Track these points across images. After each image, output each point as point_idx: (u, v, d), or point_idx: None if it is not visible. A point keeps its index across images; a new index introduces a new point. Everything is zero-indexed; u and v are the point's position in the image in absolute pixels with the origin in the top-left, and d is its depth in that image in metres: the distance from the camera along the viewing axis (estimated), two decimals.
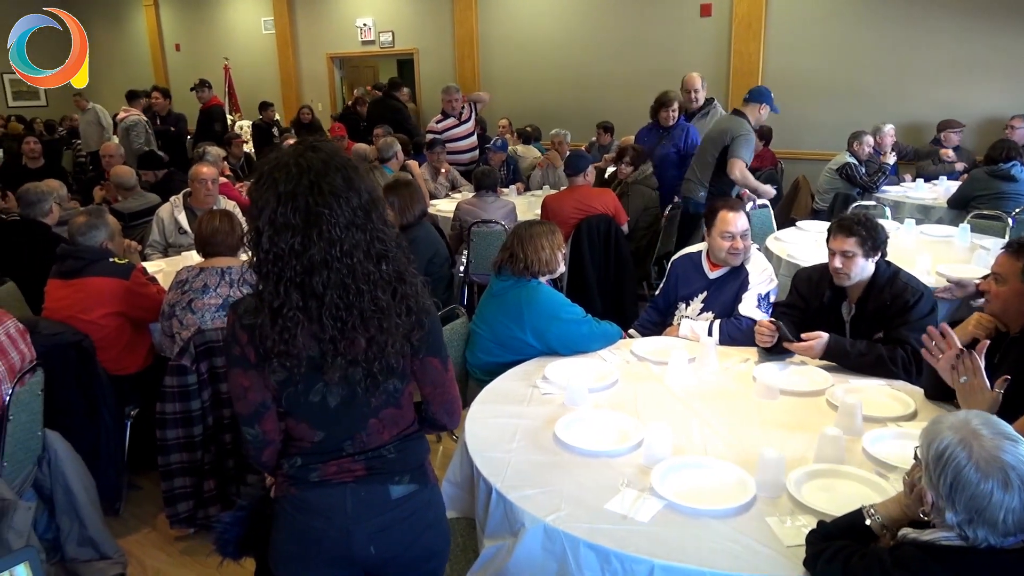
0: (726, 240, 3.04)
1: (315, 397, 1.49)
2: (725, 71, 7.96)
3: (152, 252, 4.57)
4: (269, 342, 1.43)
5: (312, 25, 11.60)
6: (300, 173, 1.39)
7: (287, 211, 1.38)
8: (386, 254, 1.46)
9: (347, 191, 1.41)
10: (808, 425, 2.23)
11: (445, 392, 1.63)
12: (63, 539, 2.80)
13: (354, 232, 1.41)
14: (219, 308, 3.03)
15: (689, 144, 5.46)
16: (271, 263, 1.41)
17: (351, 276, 1.42)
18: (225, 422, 2.98)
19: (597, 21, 8.87)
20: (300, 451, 1.57)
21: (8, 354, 2.51)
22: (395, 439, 1.58)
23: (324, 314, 1.42)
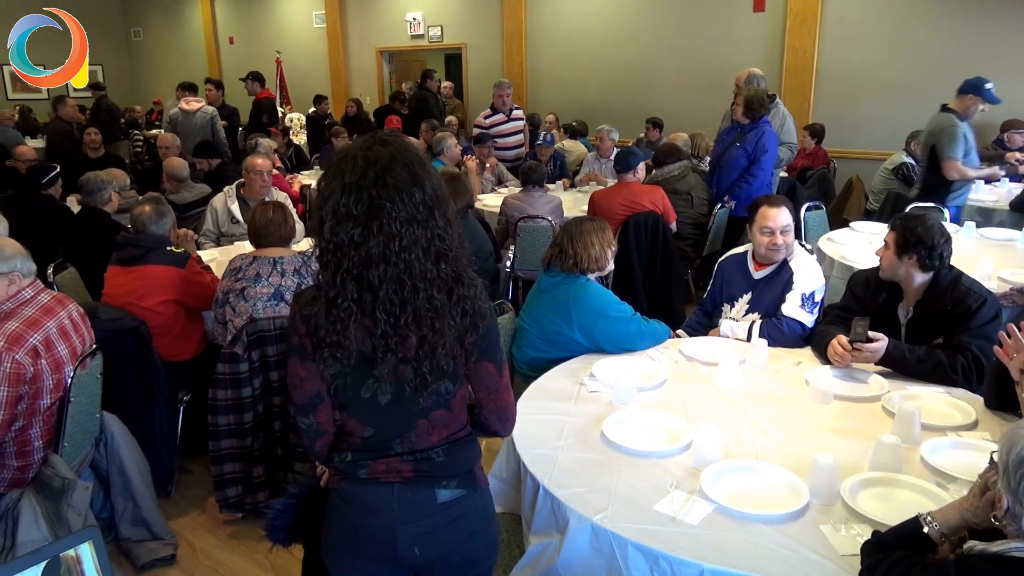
0: (765, 235, 2.99)
1: (366, 393, 1.50)
2: (778, 67, 7.81)
3: (205, 241, 4.67)
4: (322, 331, 1.43)
5: (362, 19, 11.71)
6: (367, 165, 1.39)
7: (350, 202, 1.38)
8: (446, 253, 1.44)
9: (411, 186, 1.40)
10: (863, 432, 2.18)
11: (498, 398, 1.60)
12: (117, 518, 2.88)
13: (415, 228, 1.40)
14: (271, 297, 3.09)
15: (759, 148, 5.17)
16: (331, 252, 1.41)
17: (408, 272, 1.40)
18: (275, 410, 3.03)
19: (647, 16, 8.78)
20: (350, 446, 1.57)
21: (71, 337, 2.59)
22: (444, 442, 1.57)
23: (378, 308, 1.41)
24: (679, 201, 5.20)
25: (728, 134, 5.50)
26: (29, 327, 2.44)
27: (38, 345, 2.44)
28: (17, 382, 2.38)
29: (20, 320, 2.44)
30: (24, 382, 2.41)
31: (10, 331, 2.39)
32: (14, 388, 2.38)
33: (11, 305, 2.47)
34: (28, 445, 2.51)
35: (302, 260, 3.22)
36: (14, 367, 2.36)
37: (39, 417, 2.52)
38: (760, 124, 5.21)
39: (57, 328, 2.54)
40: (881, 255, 2.68)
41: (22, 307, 2.49)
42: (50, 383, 2.49)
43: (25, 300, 2.51)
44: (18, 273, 2.49)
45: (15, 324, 2.42)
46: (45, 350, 2.47)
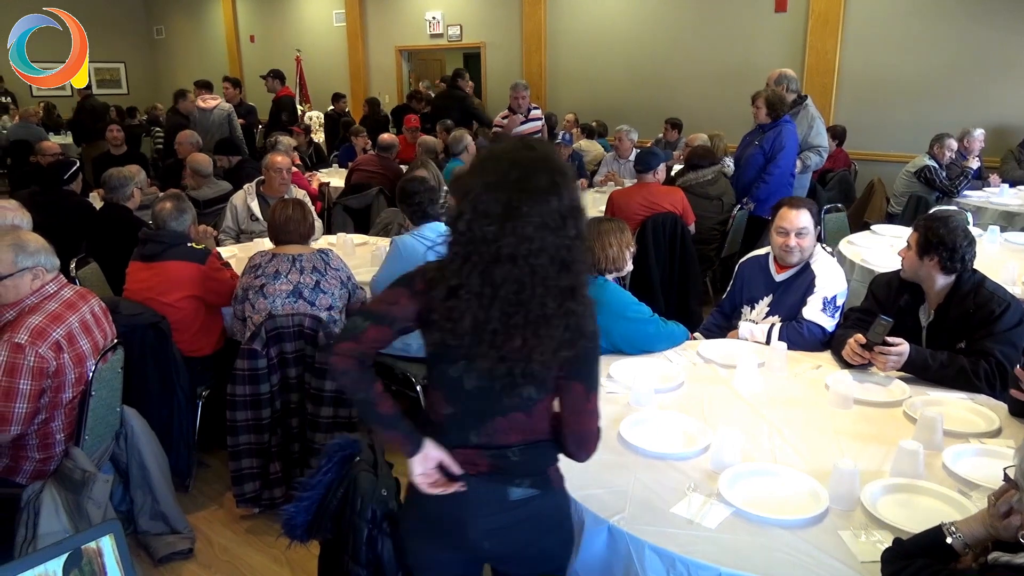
0: (780, 236, 2.97)
1: (455, 372, 1.54)
2: (799, 68, 7.74)
3: (225, 238, 4.70)
4: (435, 315, 1.48)
5: (382, 18, 11.75)
6: (510, 167, 1.43)
7: (489, 200, 1.42)
8: (569, 266, 1.46)
9: (549, 193, 1.42)
10: (884, 437, 2.16)
11: (581, 422, 1.60)
12: (136, 512, 2.91)
13: (547, 234, 1.42)
14: (289, 294, 3.10)
15: (776, 145, 5.12)
16: (463, 244, 1.45)
17: (531, 276, 1.43)
18: (292, 407, 3.05)
19: (667, 16, 8.75)
20: (434, 428, 1.61)
21: (92, 332, 2.62)
22: (521, 443, 1.58)
23: (495, 304, 1.44)
24: (709, 206, 5.17)
25: (750, 134, 5.46)
26: (52, 321, 2.47)
27: (60, 340, 2.46)
28: (40, 376, 2.41)
29: (43, 315, 2.47)
30: (47, 376, 2.43)
31: (33, 325, 2.42)
32: (37, 382, 2.40)
33: (35, 300, 2.50)
34: (50, 438, 2.54)
35: (320, 257, 3.23)
36: (37, 361, 2.39)
37: (61, 410, 2.55)
38: (779, 123, 5.16)
39: (79, 323, 2.56)
40: (903, 256, 2.66)
41: (45, 302, 2.51)
42: (72, 377, 2.52)
43: (48, 295, 2.53)
44: (42, 268, 2.51)
45: (38, 318, 2.44)
46: (67, 344, 2.49)
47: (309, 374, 3.02)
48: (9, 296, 2.47)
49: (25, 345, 2.37)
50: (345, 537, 1.78)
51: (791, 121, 5.27)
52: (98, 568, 1.28)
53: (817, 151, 5.55)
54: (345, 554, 1.78)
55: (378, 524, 1.75)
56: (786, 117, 5.22)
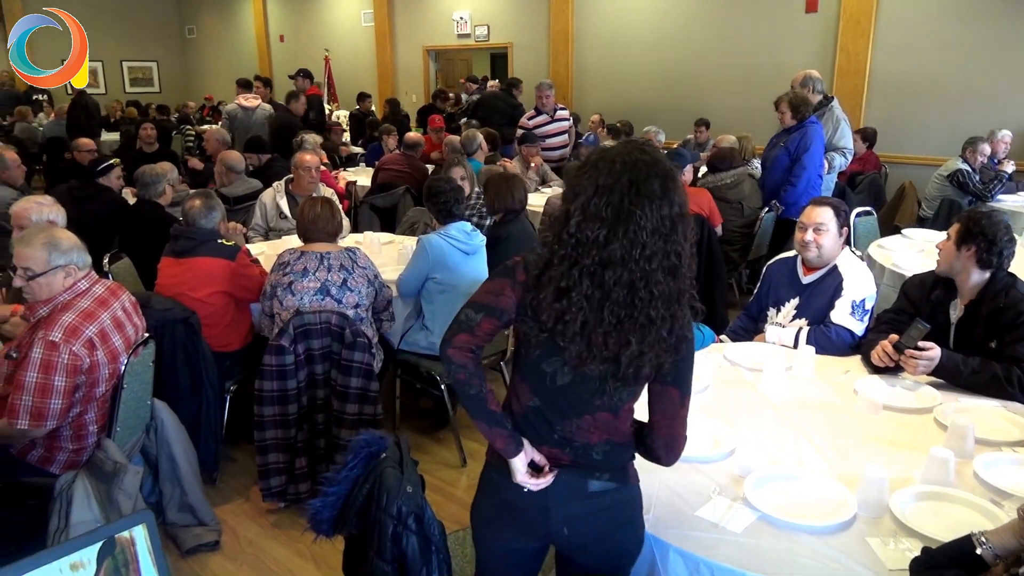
0: (799, 231, 2.96)
1: (548, 367, 1.55)
2: (829, 70, 7.66)
3: (254, 235, 4.76)
4: (544, 315, 1.49)
5: (410, 18, 11.81)
6: (623, 170, 1.43)
7: (601, 203, 1.43)
8: (677, 270, 1.46)
9: (661, 198, 1.43)
10: (913, 444, 2.13)
11: (672, 427, 1.61)
12: (165, 503, 2.95)
13: (657, 239, 1.43)
14: (317, 291, 3.13)
15: (801, 146, 5.07)
16: (571, 247, 1.46)
17: (642, 280, 1.44)
18: (318, 403, 3.08)
19: (696, 16, 8.69)
20: (516, 420, 1.63)
21: (124, 328, 2.66)
22: (603, 442, 1.60)
23: (606, 308, 1.45)
24: (728, 209, 5.14)
25: (776, 136, 5.42)
26: (85, 319, 2.50)
27: (94, 337, 2.50)
28: (74, 373, 2.45)
29: (76, 312, 2.50)
30: (81, 373, 2.47)
31: (67, 323, 2.46)
32: (71, 379, 2.45)
33: (67, 297, 2.53)
34: (83, 430, 2.59)
35: (348, 255, 3.26)
36: (71, 358, 2.43)
37: (94, 403, 2.59)
38: (804, 124, 5.12)
39: (112, 320, 2.60)
40: (941, 247, 2.64)
41: (78, 299, 2.55)
42: (106, 373, 2.56)
43: (81, 292, 2.57)
44: (74, 266, 2.55)
45: (71, 316, 2.48)
46: (101, 342, 2.53)
47: (335, 371, 3.05)
48: (42, 293, 2.51)
49: (59, 343, 2.41)
50: (370, 533, 1.79)
51: (817, 122, 5.22)
52: (130, 557, 1.31)
53: (842, 152, 5.53)
54: (370, 550, 1.79)
55: (403, 520, 1.76)
56: (812, 118, 5.18)
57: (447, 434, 3.81)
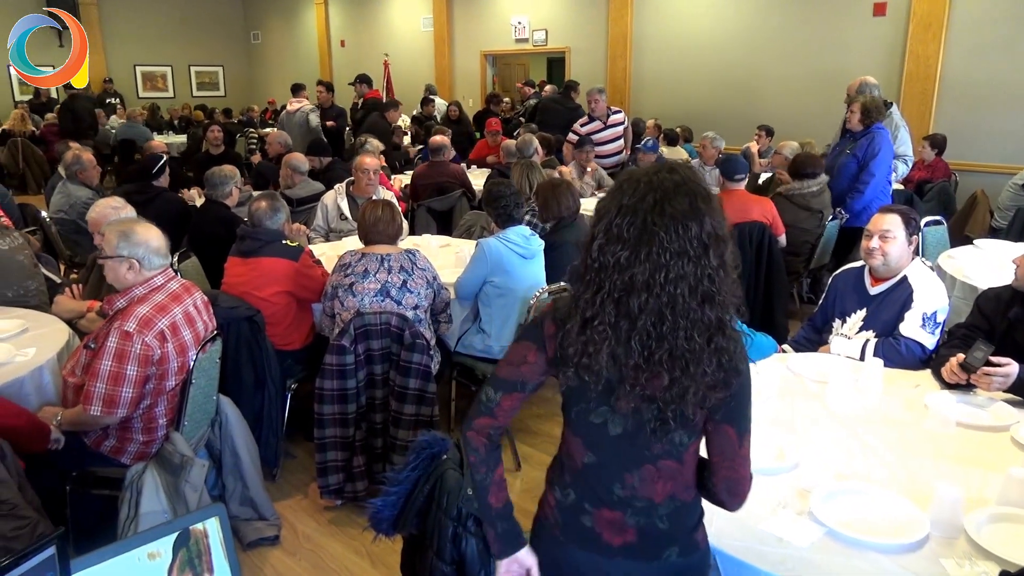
0: (865, 238, 2.88)
1: (597, 419, 1.47)
2: (897, 74, 7.45)
3: (316, 236, 4.85)
4: (571, 349, 1.42)
5: (468, 23, 11.91)
6: (648, 190, 1.36)
7: (623, 223, 1.36)
8: (713, 296, 1.36)
9: (689, 219, 1.34)
10: (988, 463, 2.05)
11: (733, 468, 1.48)
12: (227, 497, 3.02)
13: (684, 262, 1.34)
14: (377, 293, 3.18)
15: (869, 152, 4.94)
16: (594, 272, 1.40)
17: (670, 307, 1.35)
18: (377, 403, 3.12)
19: (759, 20, 8.55)
20: (573, 477, 1.54)
21: (195, 323, 2.75)
22: (668, 499, 1.49)
23: (633, 338, 1.36)
24: (809, 218, 5.01)
25: (841, 142, 5.30)
26: (158, 312, 2.60)
27: (165, 330, 2.59)
28: (145, 363, 2.54)
29: (151, 305, 2.61)
30: (152, 363, 2.57)
31: (141, 315, 2.56)
32: (143, 368, 2.54)
33: (144, 291, 2.64)
34: (153, 422, 2.68)
35: (408, 257, 3.30)
36: (143, 349, 2.53)
37: (164, 396, 2.68)
38: (872, 129, 5.00)
39: (183, 315, 2.70)
40: (1018, 263, 2.53)
41: (153, 293, 2.65)
42: (175, 366, 2.65)
43: (156, 287, 2.67)
44: (136, 260, 2.61)
45: (146, 308, 2.58)
46: (171, 334, 2.62)
47: (394, 371, 3.09)
48: (109, 276, 2.64)
49: (133, 333, 2.51)
50: (430, 534, 1.81)
51: (885, 128, 5.09)
52: (204, 548, 1.35)
53: (903, 160, 5.38)
54: (430, 550, 1.80)
55: (463, 522, 1.77)
56: (879, 124, 5.05)
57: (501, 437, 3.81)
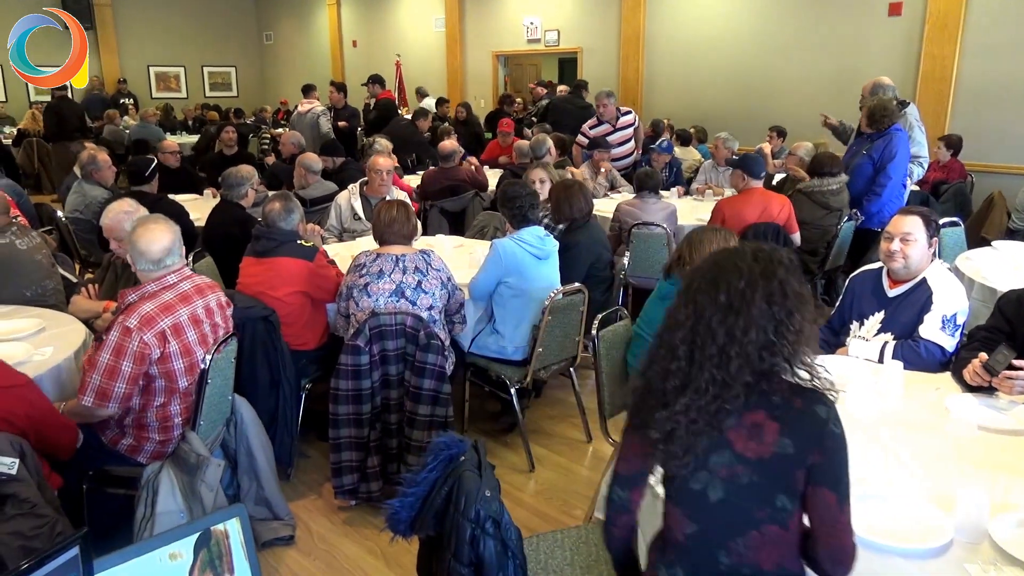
0: (885, 241, 2.85)
1: (696, 485, 1.48)
2: (913, 75, 7.40)
3: (329, 236, 4.86)
4: (663, 412, 1.48)
5: (480, 23, 11.91)
6: (708, 269, 1.50)
7: (681, 298, 1.51)
8: (772, 347, 1.44)
9: (715, 289, 1.46)
10: (1012, 467, 2.02)
11: (835, 535, 1.45)
12: (242, 496, 3.02)
13: (718, 326, 1.44)
14: (392, 293, 3.18)
15: (886, 154, 4.93)
16: (660, 347, 1.52)
17: (728, 371, 1.43)
18: (391, 403, 3.12)
19: (773, 20, 8.52)
20: (677, 553, 1.54)
21: (201, 324, 2.73)
22: (777, 568, 1.47)
23: (708, 406, 1.44)
24: (828, 216, 4.98)
25: (857, 143, 5.27)
26: (162, 311, 2.60)
27: (167, 329, 2.59)
28: (141, 360, 2.54)
29: (156, 303, 2.61)
30: (148, 362, 2.56)
31: (145, 312, 2.57)
32: (138, 366, 2.54)
33: (154, 288, 2.66)
34: (169, 421, 2.69)
35: (423, 258, 3.30)
36: (140, 346, 2.53)
37: (178, 395, 2.69)
38: (889, 131, 4.97)
39: (189, 316, 2.69)
40: None
41: (163, 291, 2.66)
42: (181, 366, 2.65)
43: (168, 285, 2.68)
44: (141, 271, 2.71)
45: (151, 307, 2.59)
46: (173, 334, 2.61)
47: (409, 372, 3.08)
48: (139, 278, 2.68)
49: (133, 329, 2.53)
50: (448, 536, 1.80)
51: (902, 130, 5.06)
52: (224, 549, 1.35)
53: (917, 161, 5.35)
54: (447, 552, 1.79)
55: (481, 524, 1.76)
56: (897, 125, 5.02)
57: (515, 438, 3.81)
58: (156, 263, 2.67)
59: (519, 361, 3.57)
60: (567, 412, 4.09)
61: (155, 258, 2.67)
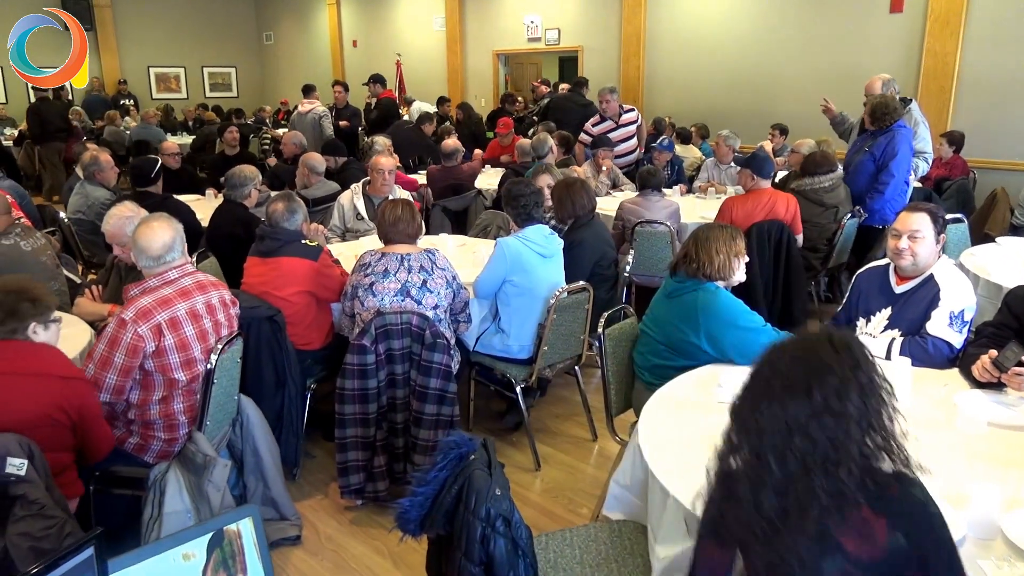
0: (892, 238, 2.84)
1: None
2: (915, 72, 7.39)
3: (332, 236, 4.85)
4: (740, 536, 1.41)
5: (481, 22, 11.90)
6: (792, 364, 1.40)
7: (761, 397, 1.41)
8: (871, 441, 1.36)
9: (786, 398, 1.36)
10: (1023, 463, 2.02)
11: None
12: (249, 497, 3.02)
13: (837, 420, 1.34)
14: (397, 292, 3.17)
15: (888, 152, 4.92)
16: (740, 445, 1.44)
17: (839, 478, 1.33)
18: (397, 402, 3.11)
19: (773, 18, 8.51)
20: None
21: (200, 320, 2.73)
22: None
23: (817, 521, 1.33)
24: (824, 213, 4.98)
25: (859, 140, 5.26)
26: (159, 305, 2.62)
27: (163, 323, 2.60)
28: (134, 353, 2.56)
29: (154, 297, 2.63)
30: (142, 355, 2.58)
31: (141, 306, 2.59)
32: (130, 358, 2.56)
33: (156, 283, 2.68)
34: (173, 419, 2.69)
35: (428, 257, 3.29)
36: (134, 339, 2.54)
37: (179, 391, 2.69)
38: (892, 128, 4.96)
39: (187, 311, 2.69)
40: None
41: (163, 286, 2.69)
42: (177, 360, 2.65)
43: (168, 280, 2.70)
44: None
45: (148, 300, 2.61)
46: (170, 329, 2.62)
47: (415, 371, 3.08)
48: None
49: (128, 322, 2.55)
50: (458, 535, 1.80)
51: (906, 126, 5.05)
52: (237, 549, 1.34)
53: (923, 157, 5.35)
54: (458, 552, 1.79)
55: (492, 523, 1.76)
56: (900, 122, 5.01)
57: (520, 437, 3.80)
58: (156, 259, 2.70)
59: (524, 360, 3.57)
60: (572, 411, 4.09)
61: (155, 254, 2.69)
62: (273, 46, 16.42)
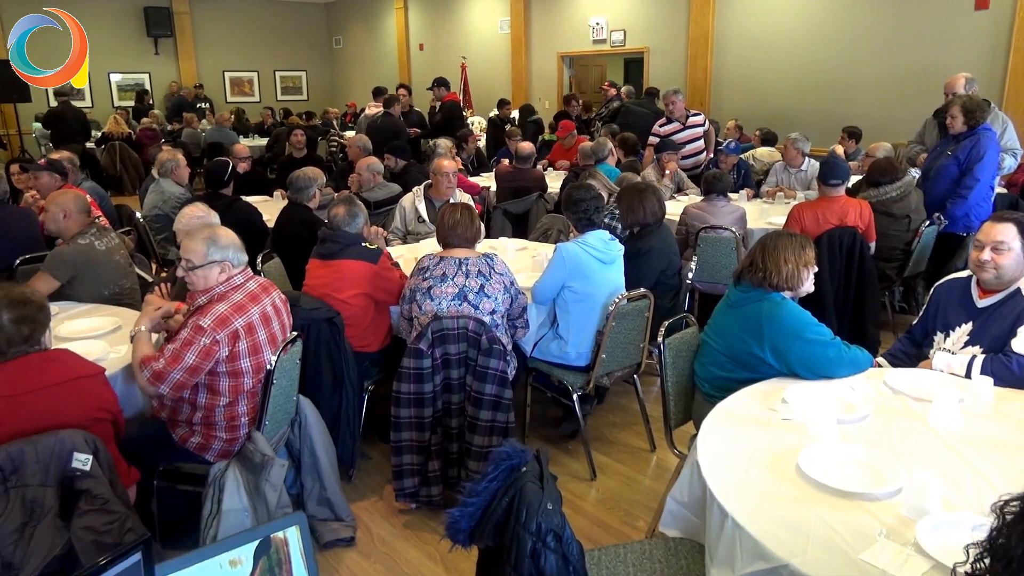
0: (975, 249, 2.68)
1: None
2: (1001, 72, 7.03)
3: (393, 238, 4.89)
4: None
5: (546, 24, 11.87)
6: None
7: None
8: None
9: None
10: None
11: None
12: (305, 496, 3.06)
13: None
14: (455, 297, 3.16)
15: (973, 156, 4.71)
16: None
17: None
18: (452, 407, 3.10)
19: (848, 16, 8.21)
20: None
21: (271, 323, 2.78)
22: None
23: None
24: (893, 224, 4.77)
25: (942, 144, 5.03)
26: (235, 311, 2.65)
27: (240, 329, 2.64)
28: (206, 356, 2.59)
29: (229, 304, 2.66)
30: (214, 359, 2.61)
31: (219, 313, 2.62)
32: (201, 360, 2.59)
33: (224, 289, 2.71)
34: (236, 421, 2.73)
35: (486, 262, 3.27)
36: (210, 344, 2.58)
37: (244, 395, 2.73)
38: (977, 131, 4.72)
39: (260, 314, 2.73)
40: None
41: (232, 292, 2.71)
42: (248, 365, 2.69)
43: (236, 286, 2.73)
44: (229, 263, 2.71)
45: (224, 307, 2.65)
46: (246, 334, 2.66)
47: (471, 376, 3.06)
48: (199, 284, 2.69)
49: (207, 328, 2.58)
50: (508, 548, 1.76)
51: (991, 129, 4.80)
52: (284, 557, 1.34)
53: (1012, 153, 5.16)
54: (507, 565, 1.76)
55: (542, 538, 1.72)
56: (986, 124, 4.77)
57: (576, 445, 3.75)
58: (241, 249, 2.75)
59: (582, 367, 3.51)
60: (630, 420, 4.01)
61: (239, 244, 2.75)
62: (342, 50, 16.75)
